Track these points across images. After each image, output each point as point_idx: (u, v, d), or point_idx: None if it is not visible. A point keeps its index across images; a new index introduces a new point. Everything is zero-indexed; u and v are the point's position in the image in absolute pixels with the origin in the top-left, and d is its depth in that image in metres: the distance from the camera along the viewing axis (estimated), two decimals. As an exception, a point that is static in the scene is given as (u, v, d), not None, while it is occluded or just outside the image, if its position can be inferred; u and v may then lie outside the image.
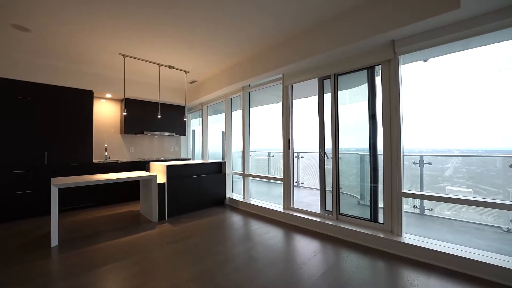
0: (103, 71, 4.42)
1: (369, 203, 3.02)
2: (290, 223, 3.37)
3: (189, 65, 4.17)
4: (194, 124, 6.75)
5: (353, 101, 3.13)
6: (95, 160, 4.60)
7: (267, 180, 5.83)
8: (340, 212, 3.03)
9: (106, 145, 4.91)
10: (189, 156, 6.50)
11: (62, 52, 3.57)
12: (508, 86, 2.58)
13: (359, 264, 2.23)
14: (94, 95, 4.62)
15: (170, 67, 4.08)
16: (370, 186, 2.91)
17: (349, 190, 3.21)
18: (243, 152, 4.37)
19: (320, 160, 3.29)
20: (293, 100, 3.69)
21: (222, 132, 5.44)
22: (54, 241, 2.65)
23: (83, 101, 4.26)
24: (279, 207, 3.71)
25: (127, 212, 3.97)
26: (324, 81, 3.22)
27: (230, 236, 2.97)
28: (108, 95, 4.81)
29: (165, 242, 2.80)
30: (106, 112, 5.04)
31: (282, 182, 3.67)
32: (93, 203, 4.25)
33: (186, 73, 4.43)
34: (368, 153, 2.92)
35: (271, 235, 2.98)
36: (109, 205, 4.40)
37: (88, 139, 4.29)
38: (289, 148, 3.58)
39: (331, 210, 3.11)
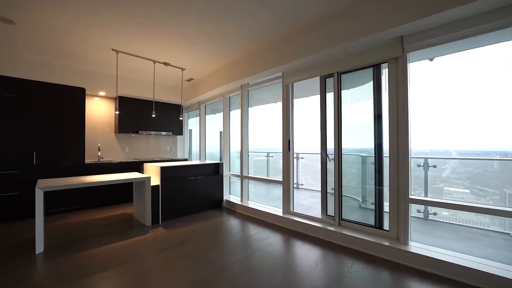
0: (96, 68, 4.24)
1: (370, 206, 2.89)
2: (290, 228, 3.23)
3: (186, 62, 4.01)
4: (192, 123, 6.59)
5: (357, 101, 2.99)
6: (87, 161, 4.43)
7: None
8: (343, 217, 2.89)
9: (99, 144, 4.74)
10: (186, 157, 6.34)
11: (53, 47, 3.40)
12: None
13: (364, 276, 2.09)
14: (86, 92, 4.44)
15: (166, 64, 3.91)
16: (375, 189, 2.77)
17: (351, 192, 3.08)
18: (241, 153, 4.22)
19: (321, 162, 3.15)
20: (294, 100, 3.54)
21: (220, 132, 5.28)
22: (39, 247, 2.48)
23: (75, 99, 4.08)
24: (278, 211, 3.56)
25: (120, 215, 3.81)
26: (327, 79, 3.07)
27: (227, 242, 2.81)
28: (102, 93, 4.64)
29: (158, 248, 2.64)
30: (100, 111, 4.86)
31: (281, 185, 3.52)
32: (85, 205, 4.08)
33: (182, 71, 4.26)
34: (373, 155, 2.78)
35: (270, 241, 2.84)
36: (101, 207, 4.23)
37: (80, 138, 4.11)
38: (289, 150, 3.43)
39: (333, 215, 2.96)
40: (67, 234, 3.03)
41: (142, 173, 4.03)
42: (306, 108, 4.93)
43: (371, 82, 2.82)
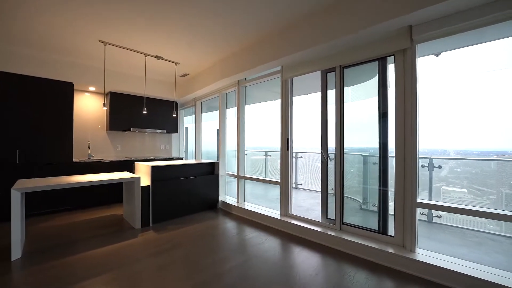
0: (85, 62, 4.03)
1: (372, 208, 2.74)
2: (288, 232, 3.05)
3: (180, 56, 3.80)
4: (188, 121, 6.39)
5: (360, 98, 2.83)
6: (77, 159, 4.23)
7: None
8: (344, 221, 2.71)
9: (89, 142, 4.53)
10: (182, 156, 6.15)
11: (38, 39, 3.18)
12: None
13: (368, 286, 1.91)
14: (75, 88, 4.24)
15: (158, 57, 3.70)
16: (379, 191, 2.59)
17: (351, 192, 2.91)
18: (237, 152, 4.03)
19: (322, 162, 2.97)
20: (293, 97, 3.35)
21: (217, 130, 5.09)
22: (16, 253, 2.28)
23: (62, 94, 3.87)
24: (276, 213, 3.38)
25: (109, 217, 3.62)
26: (328, 74, 2.89)
27: (221, 247, 2.64)
28: (92, 88, 4.43)
29: (148, 253, 2.46)
30: (90, 107, 4.65)
31: (279, 186, 3.33)
32: (72, 206, 3.88)
33: (176, 65, 4.06)
34: (376, 155, 2.62)
35: (267, 246, 2.66)
36: (90, 208, 4.04)
37: (67, 136, 3.91)
38: (287, 149, 3.24)
39: (334, 218, 2.79)
40: (50, 237, 2.83)
41: (134, 172, 3.84)
42: (306, 105, 4.76)
43: (376, 77, 2.64)
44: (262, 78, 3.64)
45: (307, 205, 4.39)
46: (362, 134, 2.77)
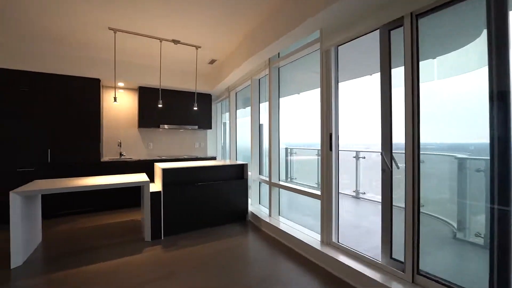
0: (111, 56, 4.13)
1: (474, 239, 1.83)
2: (330, 272, 2.29)
3: (201, 37, 3.44)
4: (226, 116, 6.13)
5: (450, 74, 1.90)
6: (106, 158, 4.45)
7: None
8: (420, 269, 1.82)
9: (119, 140, 4.73)
10: (218, 154, 5.95)
11: (59, 35, 3.32)
12: None
13: None
14: (104, 84, 4.44)
15: (175, 41, 3.45)
16: (490, 210, 1.61)
17: (436, 210, 1.98)
18: (269, 152, 3.46)
19: (382, 170, 2.11)
20: (338, 74, 2.55)
21: (261, 125, 4.62)
22: (16, 261, 2.33)
23: (89, 91, 4.08)
24: (316, 238, 2.67)
25: (127, 222, 3.60)
26: (392, 32, 2.00)
27: (238, 280, 2.15)
28: (121, 84, 4.58)
29: (147, 278, 2.20)
30: (123, 103, 4.84)
31: (319, 200, 2.60)
32: (93, 207, 4.05)
33: (197, 49, 3.74)
34: (485, 156, 1.66)
35: (294, 289, 2.02)
36: (112, 211, 4.16)
37: (95, 134, 4.10)
38: (330, 149, 2.48)
39: (403, 260, 1.92)
40: (59, 244, 2.89)
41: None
42: (363, 90, 3.79)
43: (483, 35, 1.66)
44: (297, 52, 2.94)
45: (368, 225, 3.48)
46: (456, 124, 1.83)
